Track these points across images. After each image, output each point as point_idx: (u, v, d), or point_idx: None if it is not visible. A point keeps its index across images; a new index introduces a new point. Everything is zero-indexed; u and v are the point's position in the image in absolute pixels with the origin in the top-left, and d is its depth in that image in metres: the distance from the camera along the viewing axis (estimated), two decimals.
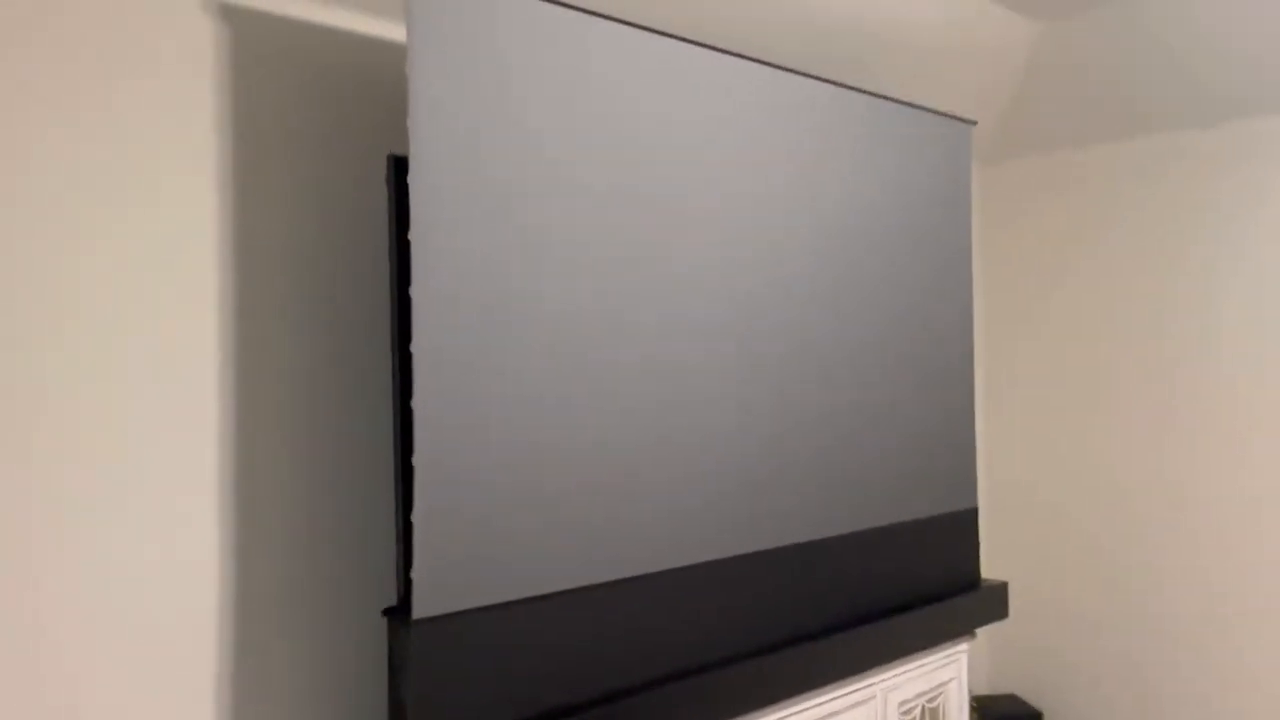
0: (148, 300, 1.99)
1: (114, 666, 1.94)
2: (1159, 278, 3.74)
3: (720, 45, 2.90)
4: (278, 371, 2.17)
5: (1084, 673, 3.95)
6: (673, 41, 2.29)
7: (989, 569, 4.24)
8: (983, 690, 4.23)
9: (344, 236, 2.28)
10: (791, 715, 2.48)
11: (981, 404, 4.27)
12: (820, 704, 2.56)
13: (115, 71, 1.95)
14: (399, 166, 2.05)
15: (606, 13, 2.59)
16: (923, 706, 2.90)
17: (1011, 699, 4.05)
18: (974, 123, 3.13)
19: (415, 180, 1.86)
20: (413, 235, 1.85)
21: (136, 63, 1.97)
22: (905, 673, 2.82)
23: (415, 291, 1.85)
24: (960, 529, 3.10)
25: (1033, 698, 4.11)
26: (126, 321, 1.96)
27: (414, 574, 1.83)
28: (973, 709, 3.86)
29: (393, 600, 2.39)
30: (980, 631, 4.23)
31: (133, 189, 1.97)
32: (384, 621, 2.36)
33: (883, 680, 2.75)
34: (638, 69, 2.22)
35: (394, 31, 2.37)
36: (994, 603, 3.13)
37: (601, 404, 2.14)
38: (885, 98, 2.83)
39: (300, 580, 2.20)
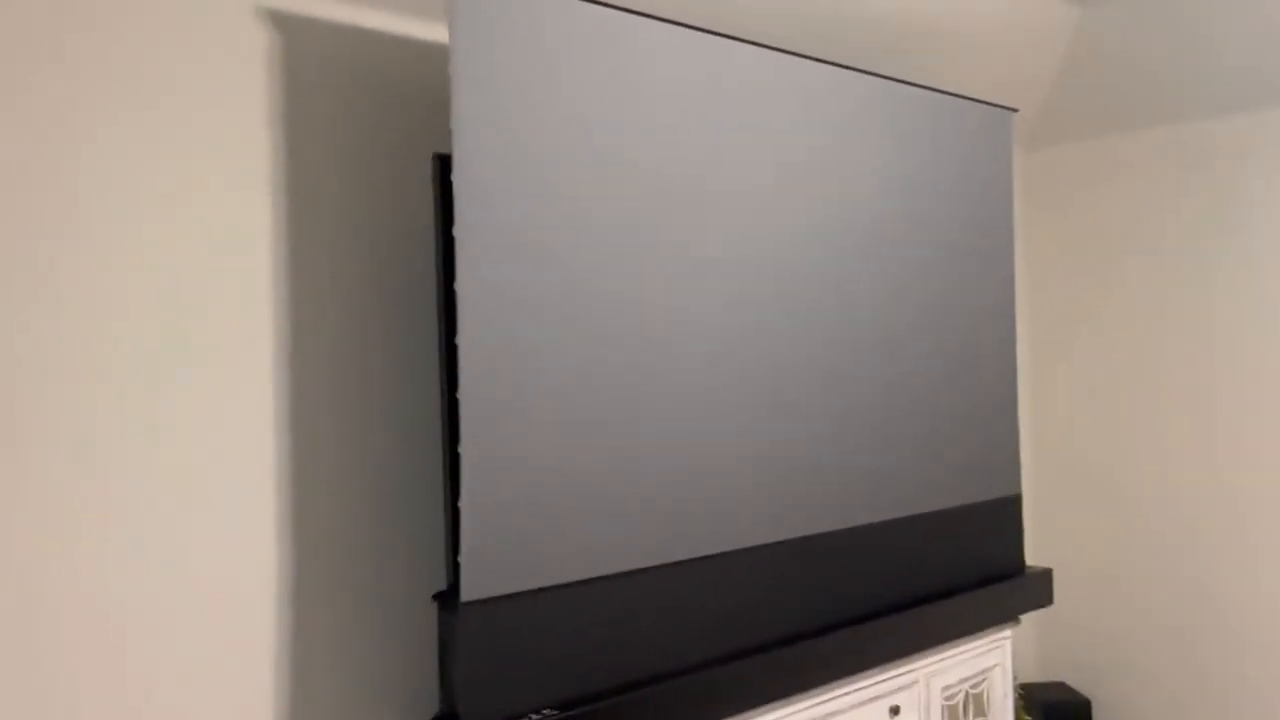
0: (205, 295, 2.08)
1: (173, 649, 2.03)
2: (1206, 261, 3.70)
3: (761, 39, 2.93)
4: (331, 364, 2.25)
5: (1134, 661, 3.93)
6: (712, 37, 2.33)
7: (1041, 555, 4.23)
8: (1032, 678, 4.23)
9: (393, 234, 2.36)
10: (834, 699, 2.52)
11: (1032, 389, 4.26)
12: (863, 688, 2.59)
13: (172, 76, 2.03)
14: (444, 165, 2.11)
15: (646, 11, 2.63)
16: (966, 692, 2.92)
17: (1060, 687, 4.04)
18: (1014, 110, 3.13)
19: (459, 178, 1.92)
20: (456, 231, 1.91)
21: (193, 68, 2.06)
22: (948, 658, 2.84)
23: (459, 286, 1.91)
24: (1003, 516, 3.11)
25: (1082, 686, 4.09)
26: (184, 317, 2.05)
27: (461, 558, 1.90)
28: (1020, 696, 3.86)
29: (444, 585, 2.46)
30: (1030, 619, 4.23)
31: (189, 189, 2.06)
32: (435, 605, 2.43)
33: (926, 665, 2.77)
34: (678, 66, 2.26)
35: (439, 33, 2.43)
36: (1038, 590, 3.14)
37: (644, 392, 2.19)
38: (924, 87, 2.84)
39: (355, 566, 2.28)
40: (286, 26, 2.18)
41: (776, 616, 2.44)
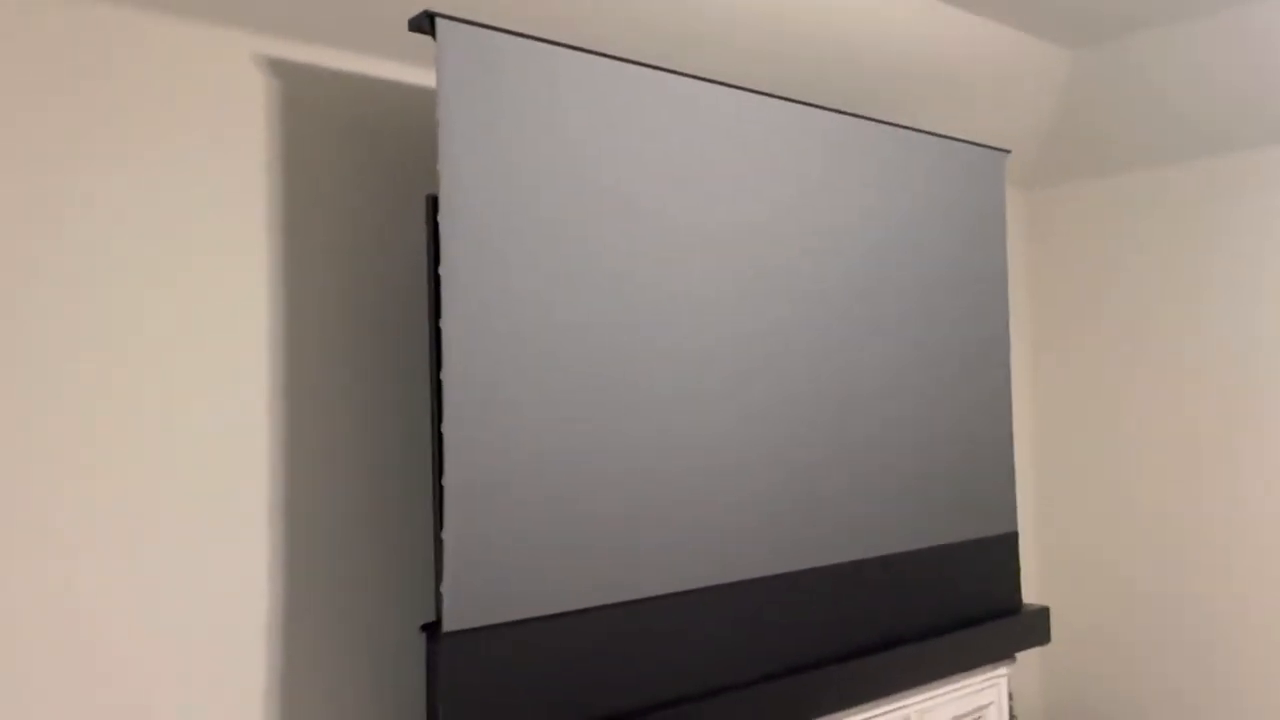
0: (203, 330, 2.14)
1: (165, 676, 2.07)
2: (1201, 300, 3.71)
3: (756, 84, 3.00)
4: (325, 396, 2.31)
5: (1141, 701, 3.90)
6: (699, 83, 2.39)
7: (1046, 593, 4.21)
8: (1036, 719, 4.19)
9: (390, 273, 2.42)
10: None
11: (1031, 427, 4.26)
12: None
13: (175, 120, 2.11)
14: (436, 206, 2.18)
15: (631, 58, 2.70)
16: None
17: None
18: (1007, 151, 3.17)
19: (445, 219, 1.98)
20: (443, 270, 1.97)
21: (195, 112, 2.14)
22: (939, 696, 2.84)
23: (445, 323, 1.96)
24: (999, 553, 3.11)
25: None
26: (183, 352, 2.11)
27: (443, 589, 1.94)
28: None
29: (433, 617, 2.49)
30: (1035, 657, 4.20)
31: (189, 227, 2.13)
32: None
33: (916, 703, 2.77)
34: (664, 111, 2.32)
35: (431, 79, 2.51)
36: (1034, 628, 3.13)
37: (629, 427, 2.23)
38: (916, 129, 2.89)
39: (346, 596, 2.32)
40: (284, 73, 2.26)
41: (765, 651, 2.46)
